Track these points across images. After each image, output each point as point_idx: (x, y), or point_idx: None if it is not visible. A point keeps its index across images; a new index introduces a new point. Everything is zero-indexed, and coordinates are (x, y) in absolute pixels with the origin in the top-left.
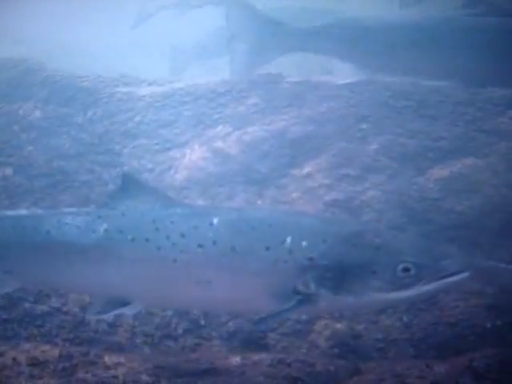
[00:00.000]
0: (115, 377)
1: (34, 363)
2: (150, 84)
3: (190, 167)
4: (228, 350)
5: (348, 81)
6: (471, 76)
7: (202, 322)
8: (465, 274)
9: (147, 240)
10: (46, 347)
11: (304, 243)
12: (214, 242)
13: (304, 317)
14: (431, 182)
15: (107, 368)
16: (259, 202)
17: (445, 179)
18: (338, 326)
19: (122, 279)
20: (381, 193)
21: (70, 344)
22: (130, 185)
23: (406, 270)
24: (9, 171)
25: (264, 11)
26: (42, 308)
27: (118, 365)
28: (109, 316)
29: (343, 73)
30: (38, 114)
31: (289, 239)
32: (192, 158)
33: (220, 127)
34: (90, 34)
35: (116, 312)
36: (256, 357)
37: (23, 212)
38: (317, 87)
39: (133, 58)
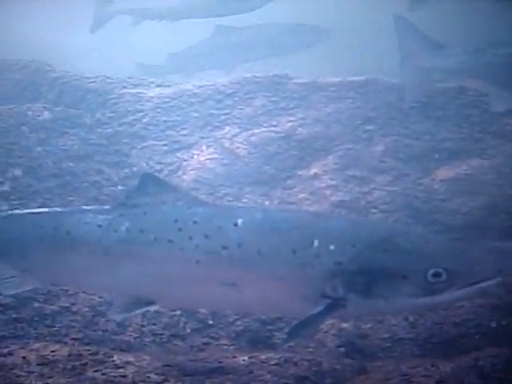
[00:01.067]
0: (124, 376)
1: (44, 362)
2: (158, 85)
3: (198, 168)
4: (235, 350)
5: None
6: None
7: (210, 322)
8: (496, 280)
9: (170, 241)
10: (56, 346)
11: (332, 247)
12: (239, 245)
13: None
14: (437, 182)
15: (116, 367)
16: (266, 203)
17: (450, 180)
18: (345, 325)
19: (145, 279)
20: (387, 193)
21: (80, 343)
22: (149, 183)
23: (438, 275)
24: (18, 172)
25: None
26: (51, 307)
27: (127, 364)
28: (133, 315)
29: None
30: (46, 115)
31: (316, 243)
32: (200, 158)
33: (227, 128)
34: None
35: (140, 311)
36: (263, 356)
37: (43, 210)
38: (323, 88)
39: None
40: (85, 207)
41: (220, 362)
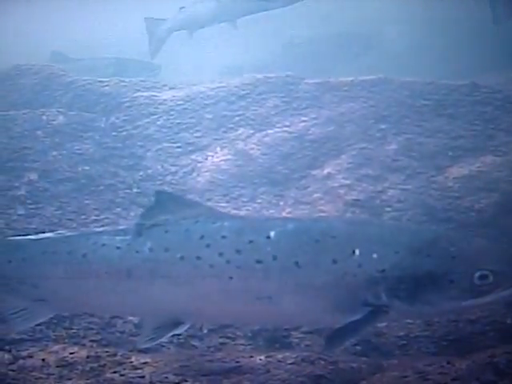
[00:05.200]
0: (142, 376)
1: (63, 364)
2: (171, 88)
3: (212, 169)
4: (252, 349)
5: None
6: None
7: None
8: None
9: (198, 258)
10: (75, 348)
11: (374, 255)
12: (274, 257)
13: None
14: (450, 180)
15: (134, 368)
16: (281, 203)
17: (464, 177)
18: None
19: (174, 299)
20: (401, 192)
21: (98, 345)
22: (165, 200)
23: (484, 277)
24: (34, 176)
25: None
26: None
27: (144, 365)
28: (164, 340)
29: None
30: (61, 119)
31: (357, 251)
32: (214, 160)
33: (241, 129)
34: None
35: (169, 334)
36: (280, 355)
37: (51, 235)
38: (336, 88)
39: None
40: (97, 229)
41: (237, 362)
